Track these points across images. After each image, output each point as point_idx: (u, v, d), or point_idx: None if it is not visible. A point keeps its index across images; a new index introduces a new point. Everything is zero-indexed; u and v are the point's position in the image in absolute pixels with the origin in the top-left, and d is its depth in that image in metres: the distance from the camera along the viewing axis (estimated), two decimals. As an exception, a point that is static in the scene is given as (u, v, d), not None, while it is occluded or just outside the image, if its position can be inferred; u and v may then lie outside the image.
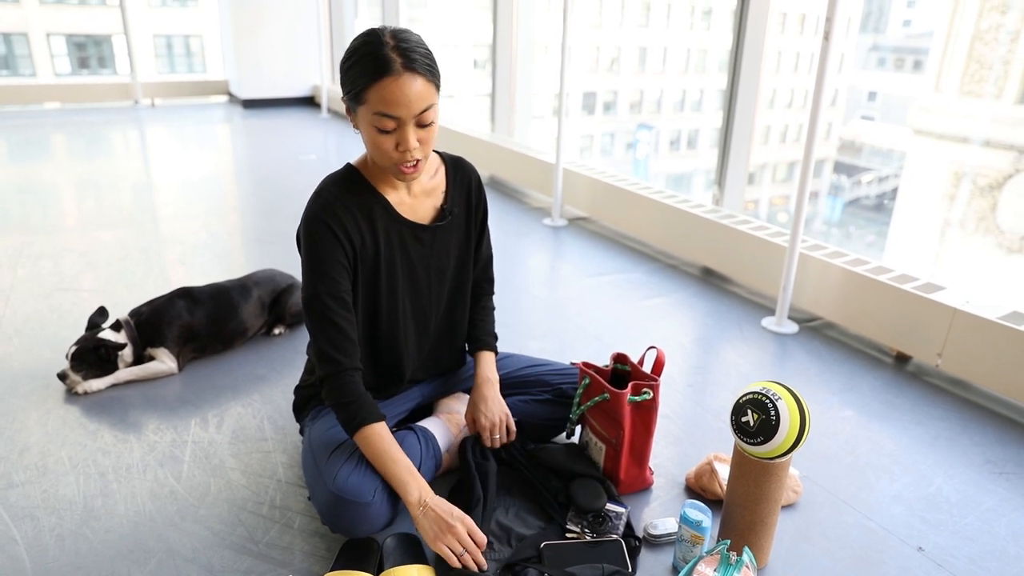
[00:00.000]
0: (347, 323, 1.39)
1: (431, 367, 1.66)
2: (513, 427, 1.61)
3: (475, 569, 1.28)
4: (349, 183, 1.42)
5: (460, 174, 1.56)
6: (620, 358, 1.65)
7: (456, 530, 1.28)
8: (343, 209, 1.38)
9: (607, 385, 1.54)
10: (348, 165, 1.45)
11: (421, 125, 1.30)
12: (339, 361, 1.37)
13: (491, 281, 1.73)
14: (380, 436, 1.36)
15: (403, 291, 1.50)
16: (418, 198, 1.49)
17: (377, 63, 1.24)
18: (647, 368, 1.61)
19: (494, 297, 1.77)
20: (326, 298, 1.37)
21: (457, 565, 1.27)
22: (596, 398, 1.55)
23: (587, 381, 1.59)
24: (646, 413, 1.54)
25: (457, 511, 1.32)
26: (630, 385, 1.52)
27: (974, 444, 1.86)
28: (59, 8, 22.18)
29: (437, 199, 1.52)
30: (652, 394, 1.52)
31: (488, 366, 1.64)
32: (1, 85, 7.42)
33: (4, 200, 3.89)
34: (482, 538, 1.31)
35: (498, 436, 1.59)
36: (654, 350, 1.61)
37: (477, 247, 1.62)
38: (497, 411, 1.59)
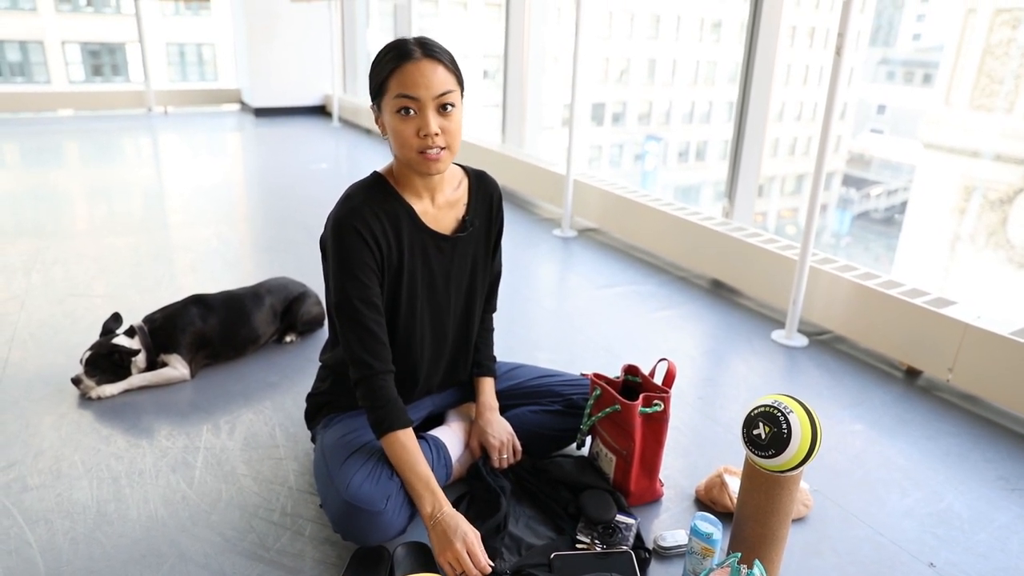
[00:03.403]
0: (378, 327, 1.41)
1: (447, 378, 1.67)
2: (519, 447, 1.64)
3: None
4: (377, 190, 1.44)
5: (483, 187, 1.57)
6: (631, 370, 1.66)
7: (455, 548, 1.29)
8: (371, 214, 1.39)
9: (618, 396, 1.54)
10: (375, 173, 1.47)
11: (442, 111, 1.34)
12: (371, 365, 1.39)
13: (495, 299, 1.74)
14: (403, 445, 1.38)
15: (422, 299, 1.51)
16: (442, 209, 1.50)
17: (399, 52, 1.32)
18: (658, 380, 1.61)
19: (499, 312, 1.78)
20: (357, 302, 1.38)
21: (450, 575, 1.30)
22: (607, 409, 1.56)
23: (598, 392, 1.60)
24: (657, 425, 1.54)
25: (463, 528, 1.32)
26: (641, 397, 1.52)
27: (986, 460, 1.85)
28: (74, 16, 22.46)
29: (459, 211, 1.53)
30: (663, 406, 1.52)
31: (490, 393, 1.68)
32: (16, 92, 7.51)
33: (19, 206, 3.94)
34: (482, 561, 1.30)
35: (506, 455, 1.61)
36: (665, 362, 1.61)
37: (492, 256, 1.64)
38: (503, 432, 1.62)
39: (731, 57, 25.52)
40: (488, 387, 1.69)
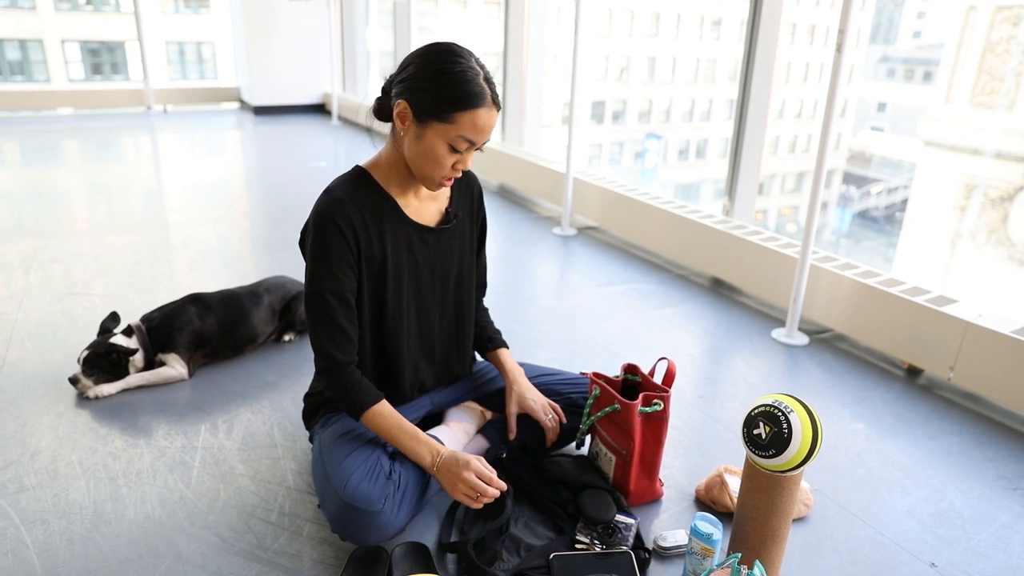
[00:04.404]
0: (348, 322, 1.42)
1: (441, 375, 1.67)
2: (559, 407, 1.66)
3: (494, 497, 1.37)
4: (358, 183, 1.45)
5: (464, 180, 1.60)
6: (631, 369, 1.65)
7: (465, 477, 1.35)
8: (353, 208, 1.40)
9: (618, 396, 1.53)
10: (357, 167, 1.48)
11: (478, 149, 1.39)
12: (335, 356, 1.41)
13: (485, 286, 1.77)
14: (383, 415, 1.42)
15: (408, 292, 1.51)
16: (424, 201, 1.52)
17: (475, 91, 1.31)
18: (658, 379, 1.60)
19: (498, 310, 1.79)
20: (329, 296, 1.40)
21: (477, 506, 1.37)
22: (607, 409, 1.55)
23: (597, 392, 1.59)
24: (656, 424, 1.53)
25: (463, 457, 1.38)
26: (641, 396, 1.52)
27: (987, 459, 1.85)
28: (74, 15, 22.44)
29: (442, 203, 1.56)
30: (663, 405, 1.51)
31: (512, 360, 1.70)
32: (16, 91, 7.49)
33: (18, 205, 3.93)
34: (495, 480, 1.37)
35: (551, 416, 1.63)
36: (665, 361, 1.61)
37: (477, 253, 1.67)
38: (540, 396, 1.64)
39: (731, 55, 25.50)
40: (508, 356, 1.71)
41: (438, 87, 1.31)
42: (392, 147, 1.45)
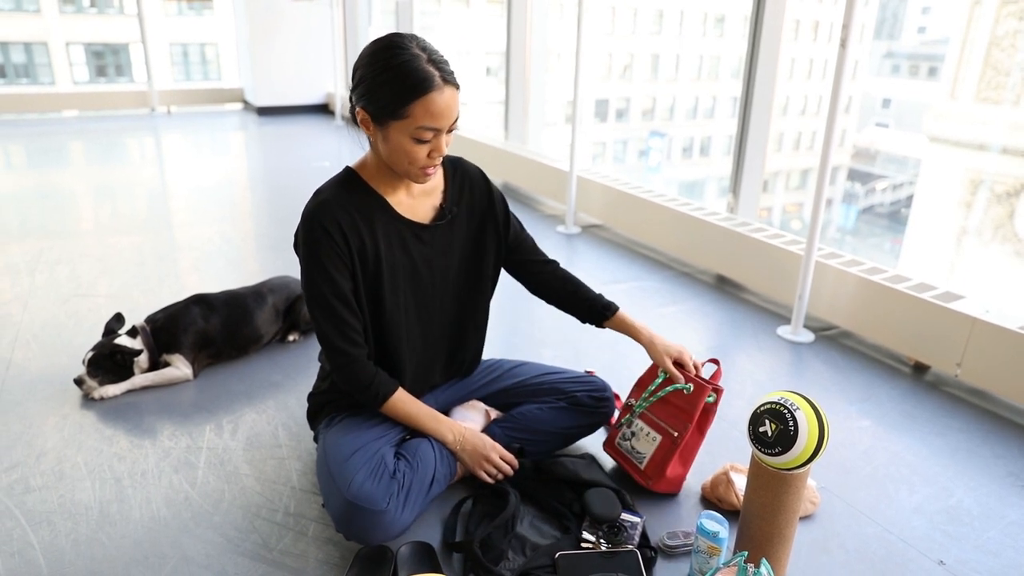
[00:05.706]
0: (353, 316, 1.43)
1: (447, 371, 1.67)
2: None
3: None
4: (347, 185, 1.44)
5: (459, 173, 1.58)
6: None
7: (492, 458, 1.53)
8: (341, 210, 1.39)
9: (694, 377, 1.59)
10: (347, 168, 1.48)
11: (449, 131, 1.36)
12: (349, 351, 1.42)
13: (542, 255, 1.72)
14: (403, 400, 1.50)
15: (405, 290, 1.51)
16: (417, 198, 1.51)
17: (420, 79, 1.28)
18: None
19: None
20: (330, 297, 1.40)
21: (491, 482, 1.54)
22: (678, 385, 1.59)
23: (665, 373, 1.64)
24: (705, 416, 1.58)
25: (488, 441, 1.55)
26: (708, 386, 1.56)
27: (995, 456, 1.83)
28: (78, 17, 22.51)
29: (436, 198, 1.54)
30: (716, 398, 1.56)
31: (631, 318, 1.69)
32: (21, 93, 7.52)
33: (23, 206, 3.94)
34: (511, 458, 1.56)
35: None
36: (714, 365, 1.65)
37: (508, 238, 1.64)
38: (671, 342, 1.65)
39: (735, 52, 25.42)
40: (627, 316, 1.68)
41: (383, 86, 1.29)
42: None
